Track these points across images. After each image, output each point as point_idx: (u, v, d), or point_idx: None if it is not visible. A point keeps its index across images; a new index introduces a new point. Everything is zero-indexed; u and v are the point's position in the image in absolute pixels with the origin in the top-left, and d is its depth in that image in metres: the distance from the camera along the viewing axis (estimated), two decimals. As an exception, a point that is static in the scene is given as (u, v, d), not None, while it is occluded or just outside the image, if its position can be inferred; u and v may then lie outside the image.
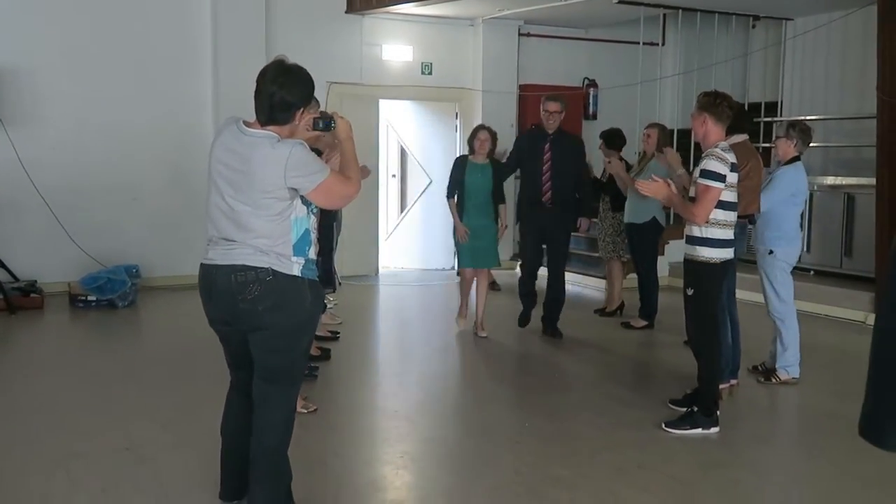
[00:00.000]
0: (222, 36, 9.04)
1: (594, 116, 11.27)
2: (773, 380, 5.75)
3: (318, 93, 5.26)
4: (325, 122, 3.43)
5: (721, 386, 5.21)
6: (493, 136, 6.90)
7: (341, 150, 3.55)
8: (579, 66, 11.24)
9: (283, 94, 3.22)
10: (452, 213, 6.93)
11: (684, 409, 4.97)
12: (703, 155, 4.77)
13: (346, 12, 9.83)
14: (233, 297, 3.24)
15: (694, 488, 4.01)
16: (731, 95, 4.94)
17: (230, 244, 3.26)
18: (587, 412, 5.18)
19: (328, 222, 6.02)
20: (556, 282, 7.01)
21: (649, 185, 4.75)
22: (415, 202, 10.80)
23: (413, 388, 5.88)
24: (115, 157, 8.81)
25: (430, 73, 10.47)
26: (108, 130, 8.76)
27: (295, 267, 3.26)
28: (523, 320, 7.20)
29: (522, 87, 10.82)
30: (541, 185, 6.80)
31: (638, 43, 10.37)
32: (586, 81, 11.33)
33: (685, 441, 4.65)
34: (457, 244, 7.01)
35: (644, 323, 7.53)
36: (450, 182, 6.94)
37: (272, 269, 3.21)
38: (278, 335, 3.29)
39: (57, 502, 3.73)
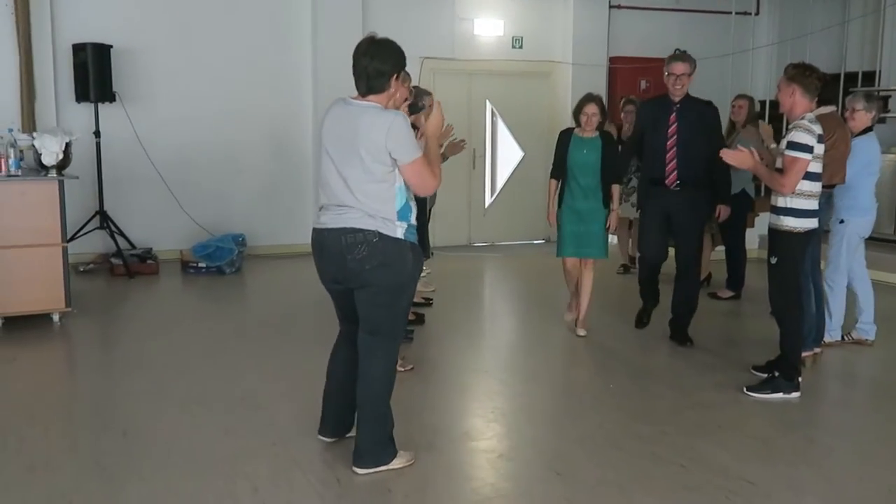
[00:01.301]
0: (321, 14, 9.43)
1: (685, 88, 11.24)
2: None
3: (412, 68, 5.62)
4: (417, 106, 4.06)
5: (804, 354, 5.34)
6: (603, 109, 6.06)
7: (426, 146, 3.77)
8: (671, 38, 11.16)
9: (376, 63, 3.59)
10: (549, 196, 6.19)
11: (765, 376, 5.14)
12: (790, 126, 4.88)
13: (439, -12, 10.10)
14: (342, 256, 3.62)
15: (770, 446, 4.19)
16: (818, 68, 5.01)
17: (341, 209, 3.62)
18: (670, 375, 5.40)
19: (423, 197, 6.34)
20: (686, 277, 6.00)
21: (734, 155, 4.88)
22: (509, 176, 11.01)
23: (502, 351, 6.21)
24: (222, 131, 9.33)
25: (520, 47, 10.66)
26: (216, 106, 9.28)
27: (399, 230, 3.61)
28: (641, 319, 6.37)
29: (613, 60, 10.90)
30: (664, 164, 5.81)
31: (731, 13, 10.31)
32: (678, 53, 11.29)
33: (765, 404, 4.82)
34: (559, 229, 6.15)
35: (731, 293, 7.64)
36: (554, 160, 6.15)
37: (378, 232, 3.57)
38: (382, 292, 3.65)
39: (184, 443, 4.17)
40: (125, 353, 5.92)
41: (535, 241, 10.91)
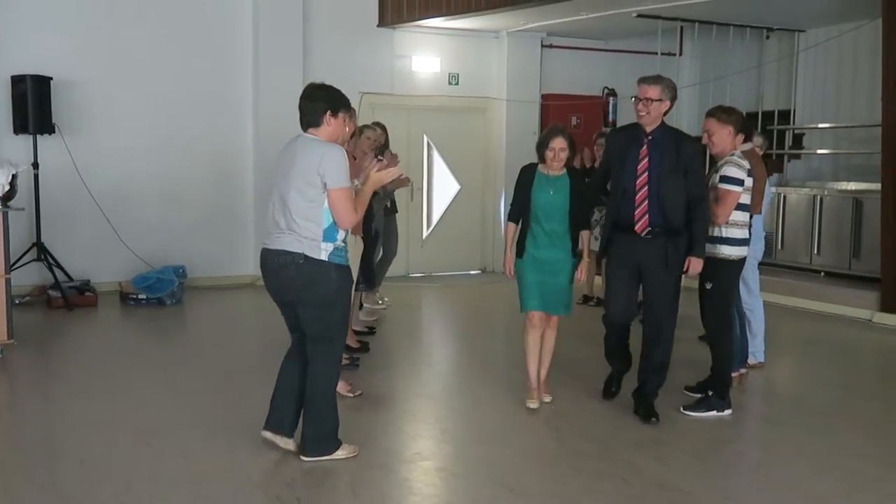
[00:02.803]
0: (263, 50, 9.59)
1: (614, 124, 11.71)
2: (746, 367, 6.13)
3: (351, 103, 5.80)
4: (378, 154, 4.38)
5: (732, 374, 5.68)
6: (572, 143, 5.18)
7: (362, 190, 4.27)
8: (600, 76, 11.69)
9: (310, 103, 4.19)
10: (506, 243, 5.33)
11: (698, 395, 5.44)
12: (721, 162, 5.21)
13: (378, 26, 10.37)
14: (277, 274, 4.18)
15: (704, 460, 4.49)
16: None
17: (279, 233, 4.15)
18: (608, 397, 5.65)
19: (367, 226, 6.52)
20: (657, 342, 5.08)
21: None
22: (446, 208, 11.28)
23: (447, 377, 6.41)
24: (162, 163, 9.37)
25: (457, 84, 10.99)
26: (156, 138, 9.33)
27: (323, 253, 4.10)
28: (609, 388, 5.49)
29: (545, 97, 11.30)
30: (633, 207, 4.91)
31: (656, 53, 10.82)
32: (606, 90, 11.80)
33: (699, 422, 5.11)
34: (520, 279, 5.21)
35: (662, 320, 7.98)
36: (514, 200, 5.28)
37: (304, 255, 4.08)
38: (312, 307, 4.18)
39: (142, 469, 4.25)
40: (72, 385, 5.91)
41: (472, 272, 11.17)
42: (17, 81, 8.39)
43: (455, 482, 4.20)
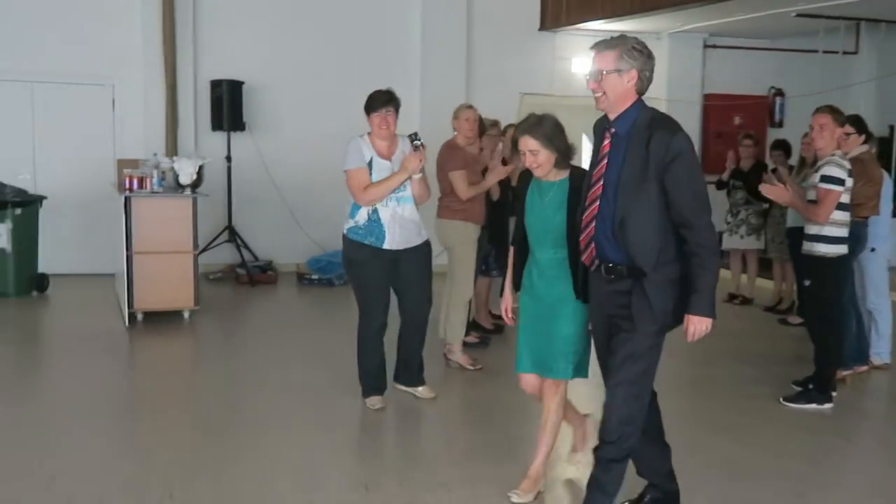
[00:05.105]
0: (429, 54, 10.38)
1: (780, 124, 11.60)
2: (867, 365, 6.13)
3: (510, 103, 6.22)
4: (414, 140, 5.13)
5: (845, 372, 5.78)
6: (553, 139, 3.74)
7: (389, 177, 5.05)
8: (766, 75, 11.58)
9: None
10: (507, 276, 4.04)
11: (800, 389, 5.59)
12: (822, 161, 5.33)
13: (539, 30, 10.89)
14: None
15: (780, 444, 4.70)
16: None
17: None
18: (717, 386, 5.89)
19: (502, 218, 7.05)
20: (607, 428, 3.36)
21: (772, 189, 5.37)
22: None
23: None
24: (336, 158, 10.31)
25: (616, 84, 11.26)
26: (332, 135, 10.18)
27: (345, 227, 5.10)
28: None
29: (707, 97, 11.37)
30: (580, 229, 3.42)
31: (834, 52, 10.63)
32: (773, 90, 11.67)
33: (798, 414, 5.27)
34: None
35: (800, 320, 7.96)
36: (516, 216, 3.95)
37: None
38: None
39: (279, 415, 5.07)
40: (239, 344, 6.96)
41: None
42: (215, 85, 9.65)
43: (523, 448, 4.68)
